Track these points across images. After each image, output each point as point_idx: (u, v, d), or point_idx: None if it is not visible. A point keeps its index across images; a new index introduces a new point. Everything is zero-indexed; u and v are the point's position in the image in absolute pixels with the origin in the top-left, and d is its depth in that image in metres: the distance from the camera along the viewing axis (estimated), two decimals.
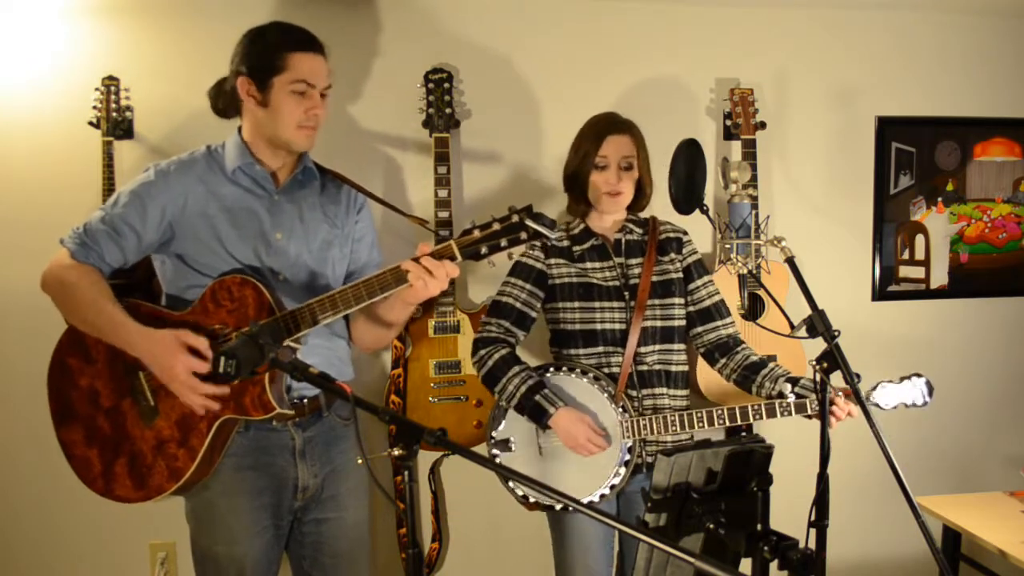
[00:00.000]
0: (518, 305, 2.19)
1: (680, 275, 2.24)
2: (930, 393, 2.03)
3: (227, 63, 1.92)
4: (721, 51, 2.83)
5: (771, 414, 2.06)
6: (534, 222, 1.63)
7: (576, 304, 2.18)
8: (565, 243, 2.22)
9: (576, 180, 2.22)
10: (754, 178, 2.65)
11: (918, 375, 2.04)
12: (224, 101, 1.94)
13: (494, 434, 2.19)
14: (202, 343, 1.75)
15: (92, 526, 2.64)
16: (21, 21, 2.52)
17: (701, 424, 2.09)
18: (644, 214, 2.31)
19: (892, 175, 2.97)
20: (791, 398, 2.05)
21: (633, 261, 2.22)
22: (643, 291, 2.16)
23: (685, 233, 2.30)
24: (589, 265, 2.20)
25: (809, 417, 2.05)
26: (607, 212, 2.23)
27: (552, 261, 2.21)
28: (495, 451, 2.18)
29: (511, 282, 2.21)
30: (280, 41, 1.86)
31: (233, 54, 1.90)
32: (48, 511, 2.65)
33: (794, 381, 2.08)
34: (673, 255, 2.24)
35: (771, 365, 2.16)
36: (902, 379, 2.04)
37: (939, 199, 3.01)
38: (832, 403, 1.97)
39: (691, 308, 2.25)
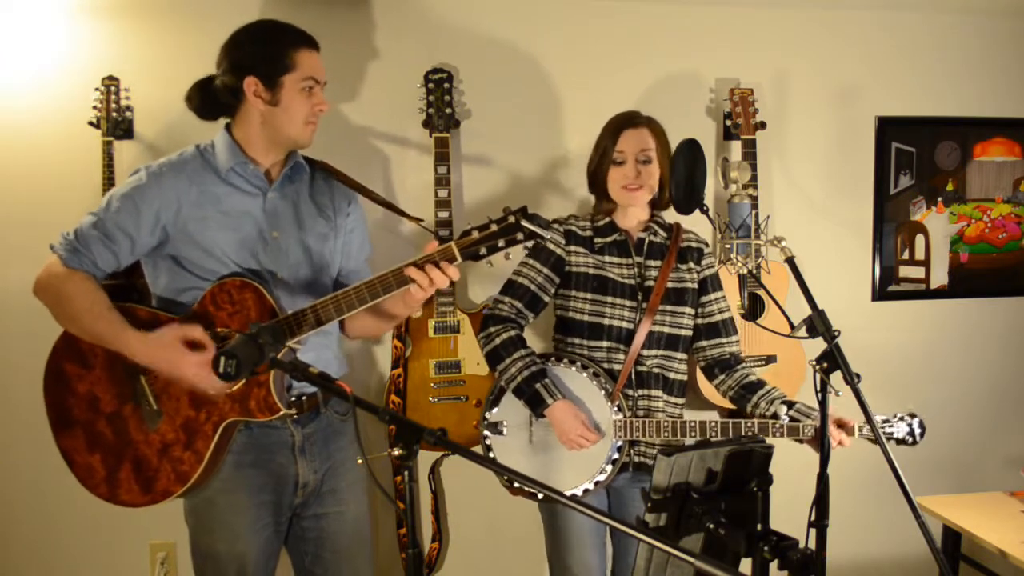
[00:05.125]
0: (533, 287, 2.19)
1: (695, 286, 2.24)
2: (922, 435, 2.06)
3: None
4: (721, 51, 2.83)
5: (763, 432, 2.08)
6: (529, 223, 1.66)
7: (589, 295, 2.18)
8: (588, 233, 2.22)
9: (597, 178, 2.22)
10: (754, 178, 2.65)
11: (913, 415, 2.07)
12: (211, 102, 1.90)
13: (487, 416, 2.21)
14: (199, 332, 1.75)
15: (92, 526, 2.64)
16: (21, 21, 2.52)
17: (693, 433, 2.11)
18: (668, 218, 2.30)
19: (892, 175, 2.98)
20: (784, 420, 2.06)
21: (652, 263, 2.21)
22: (657, 295, 2.16)
23: (707, 245, 2.30)
24: (608, 259, 2.20)
25: (800, 441, 2.08)
26: (628, 206, 2.21)
27: (572, 248, 2.20)
28: (485, 432, 2.20)
29: (529, 263, 2.21)
30: (285, 39, 1.86)
31: (224, 53, 1.88)
32: (48, 512, 2.65)
33: (789, 404, 2.10)
34: (692, 265, 2.24)
35: (768, 387, 2.18)
36: (897, 416, 2.07)
37: (939, 199, 3.01)
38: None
39: (699, 321, 2.25)
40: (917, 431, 2.06)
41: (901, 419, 2.06)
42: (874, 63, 2.93)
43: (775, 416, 2.09)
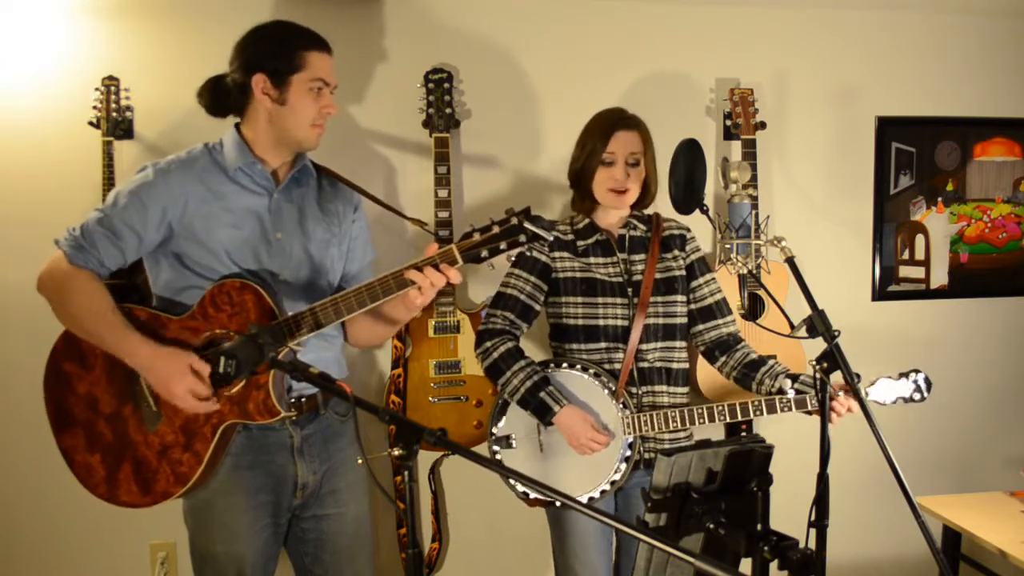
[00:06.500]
0: (522, 297, 2.18)
1: (683, 272, 2.24)
2: (928, 388, 2.05)
3: (227, 63, 1.92)
4: (721, 51, 2.83)
5: (771, 410, 2.06)
6: (532, 224, 1.64)
7: (579, 299, 2.17)
8: (569, 237, 2.21)
9: (582, 176, 2.20)
10: (754, 178, 2.65)
11: (916, 371, 2.05)
12: (221, 98, 1.91)
13: (495, 430, 2.19)
14: (206, 370, 1.76)
15: (92, 526, 2.64)
16: (21, 21, 2.52)
17: (702, 420, 2.10)
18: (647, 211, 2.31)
19: (892, 175, 2.98)
20: (791, 394, 2.05)
21: (637, 257, 2.21)
22: (646, 288, 2.16)
23: (688, 230, 2.29)
24: (593, 260, 2.20)
25: (809, 413, 2.06)
26: (613, 209, 2.21)
27: (556, 255, 2.20)
28: (496, 447, 2.18)
29: (516, 273, 2.20)
30: (297, 40, 1.87)
31: (238, 51, 1.89)
32: (48, 511, 2.65)
33: (794, 377, 2.10)
34: (676, 252, 2.24)
35: (771, 362, 2.17)
36: (900, 375, 2.05)
37: (939, 199, 3.01)
38: (832, 399, 1.98)
39: (693, 306, 2.25)
40: (923, 385, 2.04)
41: (903, 376, 2.05)
42: (874, 63, 2.93)
43: (781, 391, 2.08)
